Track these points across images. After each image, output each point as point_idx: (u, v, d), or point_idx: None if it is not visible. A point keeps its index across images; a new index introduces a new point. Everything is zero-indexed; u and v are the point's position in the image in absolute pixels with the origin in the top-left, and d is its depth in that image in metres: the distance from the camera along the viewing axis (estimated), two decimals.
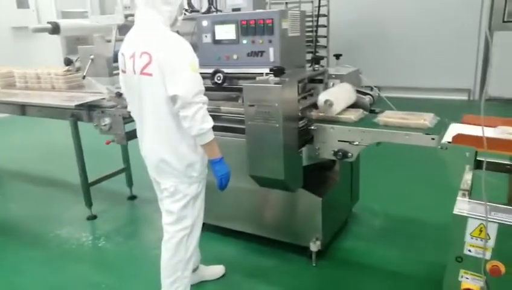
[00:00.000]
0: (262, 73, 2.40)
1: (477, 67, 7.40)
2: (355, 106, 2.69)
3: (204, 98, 1.97)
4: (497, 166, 2.11)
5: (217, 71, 2.65)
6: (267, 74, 2.34)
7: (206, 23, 2.71)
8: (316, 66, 2.75)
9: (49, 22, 3.29)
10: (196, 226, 2.23)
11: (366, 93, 2.78)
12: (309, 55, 2.91)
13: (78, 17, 3.90)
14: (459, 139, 1.94)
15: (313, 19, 6.73)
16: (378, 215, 3.44)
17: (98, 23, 3.06)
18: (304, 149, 2.51)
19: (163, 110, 2.00)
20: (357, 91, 2.74)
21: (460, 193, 1.83)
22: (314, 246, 2.66)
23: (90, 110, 3.26)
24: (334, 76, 2.79)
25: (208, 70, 2.64)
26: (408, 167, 4.39)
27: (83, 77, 3.23)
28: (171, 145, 2.06)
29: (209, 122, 1.98)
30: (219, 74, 2.64)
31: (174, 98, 1.93)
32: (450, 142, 1.98)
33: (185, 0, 3.09)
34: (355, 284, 2.62)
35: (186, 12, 2.99)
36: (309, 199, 2.64)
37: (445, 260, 1.78)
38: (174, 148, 2.06)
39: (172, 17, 2.08)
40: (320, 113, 2.52)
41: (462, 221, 1.68)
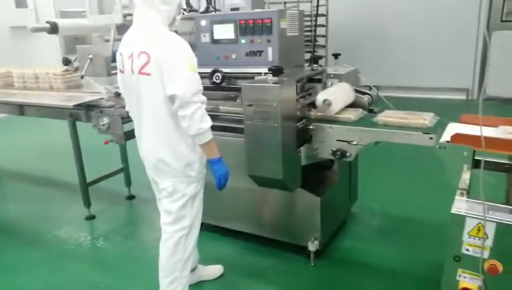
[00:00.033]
0: (261, 73, 2.40)
1: (475, 67, 7.41)
2: (353, 105, 2.69)
3: (203, 98, 1.97)
4: (495, 165, 2.12)
5: (215, 71, 2.65)
6: (266, 73, 2.34)
7: (204, 23, 2.71)
8: (315, 65, 2.75)
9: (48, 22, 3.29)
10: (194, 226, 2.23)
11: (364, 93, 2.78)
12: (308, 55, 2.91)
13: (76, 17, 3.89)
14: (458, 138, 1.95)
15: (311, 19, 6.73)
16: (377, 215, 3.44)
17: (97, 23, 3.05)
18: (303, 149, 2.52)
19: (161, 109, 1.99)
20: (356, 91, 2.75)
21: (458, 192, 1.83)
22: (313, 245, 2.66)
23: (89, 110, 3.26)
24: (332, 75, 2.79)
25: (207, 69, 2.64)
26: (406, 167, 4.40)
27: (81, 76, 3.24)
28: (170, 145, 2.06)
29: (208, 122, 1.98)
30: (218, 73, 2.64)
31: (172, 98, 1.92)
32: (448, 141, 1.99)
33: (183, 0, 3.09)
34: (353, 283, 2.62)
35: (184, 12, 2.99)
36: (307, 199, 2.64)
37: (443, 259, 1.78)
38: (173, 148, 2.06)
39: (171, 17, 2.08)
40: (319, 113, 2.53)
41: (460, 220, 1.68)
